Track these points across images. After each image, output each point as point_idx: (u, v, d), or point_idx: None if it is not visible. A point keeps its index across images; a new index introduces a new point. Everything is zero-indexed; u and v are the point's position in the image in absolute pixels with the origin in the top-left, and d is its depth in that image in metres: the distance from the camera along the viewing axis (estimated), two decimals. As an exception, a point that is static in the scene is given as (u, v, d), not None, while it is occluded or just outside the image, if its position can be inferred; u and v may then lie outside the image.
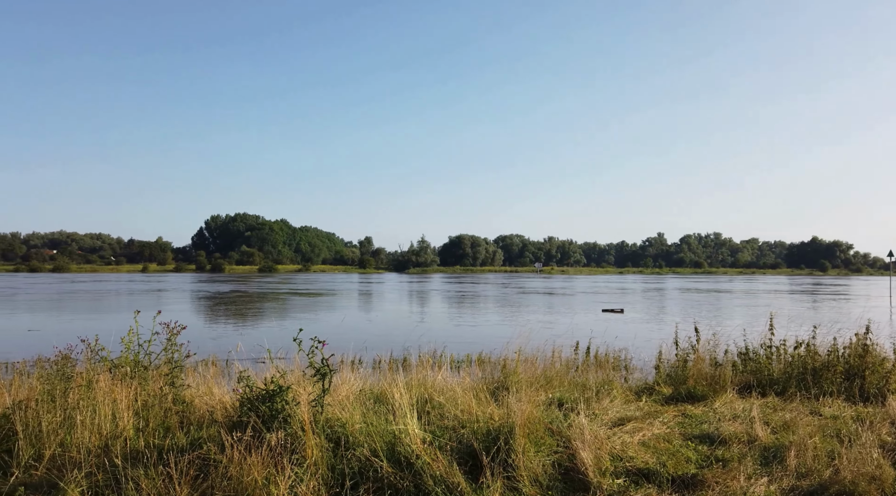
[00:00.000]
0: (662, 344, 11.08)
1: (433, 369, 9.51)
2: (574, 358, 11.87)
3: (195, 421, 6.15)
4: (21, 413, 5.53)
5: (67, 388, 5.93)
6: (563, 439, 5.67)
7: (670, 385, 9.27)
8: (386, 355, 15.05)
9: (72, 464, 5.03)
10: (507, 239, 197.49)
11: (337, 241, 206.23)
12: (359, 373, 9.27)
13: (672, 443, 6.09)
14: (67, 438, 5.38)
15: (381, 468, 4.76)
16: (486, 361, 13.93)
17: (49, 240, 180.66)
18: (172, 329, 7.03)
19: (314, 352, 5.72)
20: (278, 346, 9.22)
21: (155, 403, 6.29)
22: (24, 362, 12.89)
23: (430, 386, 7.62)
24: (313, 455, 4.84)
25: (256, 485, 4.39)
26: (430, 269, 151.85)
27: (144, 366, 7.17)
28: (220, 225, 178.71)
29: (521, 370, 8.89)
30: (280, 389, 5.45)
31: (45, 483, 4.82)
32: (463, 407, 6.11)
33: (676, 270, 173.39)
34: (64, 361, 6.54)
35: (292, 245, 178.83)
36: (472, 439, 5.30)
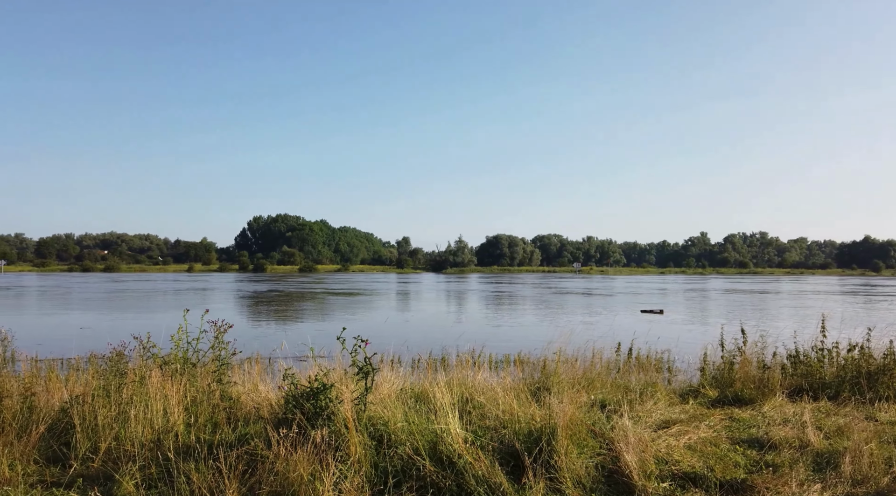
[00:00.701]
0: (707, 345, 10.82)
1: (472, 369, 9.52)
2: (615, 359, 11.70)
3: (242, 417, 6.30)
4: (78, 407, 5.76)
5: (121, 384, 6.15)
6: (605, 441, 5.61)
7: (716, 388, 9.05)
8: (425, 354, 15.12)
9: (126, 457, 5.21)
10: (544, 239, 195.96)
11: (375, 242, 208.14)
12: (398, 372, 9.35)
13: (719, 447, 5.95)
14: (122, 432, 5.58)
15: (424, 467, 4.79)
16: (525, 362, 13.86)
17: (101, 240, 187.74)
18: (219, 327, 7.21)
19: (357, 350, 5.80)
20: (320, 345, 9.37)
21: (203, 399, 6.46)
22: (78, 358, 13.42)
23: (471, 385, 7.63)
24: (357, 452, 4.90)
25: (302, 480, 4.47)
26: (467, 269, 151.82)
27: (193, 364, 7.39)
28: (262, 226, 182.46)
29: (562, 371, 8.81)
30: (324, 387, 5.54)
31: (101, 475, 5.01)
32: (504, 407, 6.10)
33: (720, 270, 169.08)
34: (118, 358, 6.79)
35: (332, 245, 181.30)
36: (514, 440, 5.29)
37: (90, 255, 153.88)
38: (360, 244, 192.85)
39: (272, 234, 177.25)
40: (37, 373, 9.35)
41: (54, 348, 16.36)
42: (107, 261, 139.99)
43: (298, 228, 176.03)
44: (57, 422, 5.92)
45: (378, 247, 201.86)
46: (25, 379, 6.74)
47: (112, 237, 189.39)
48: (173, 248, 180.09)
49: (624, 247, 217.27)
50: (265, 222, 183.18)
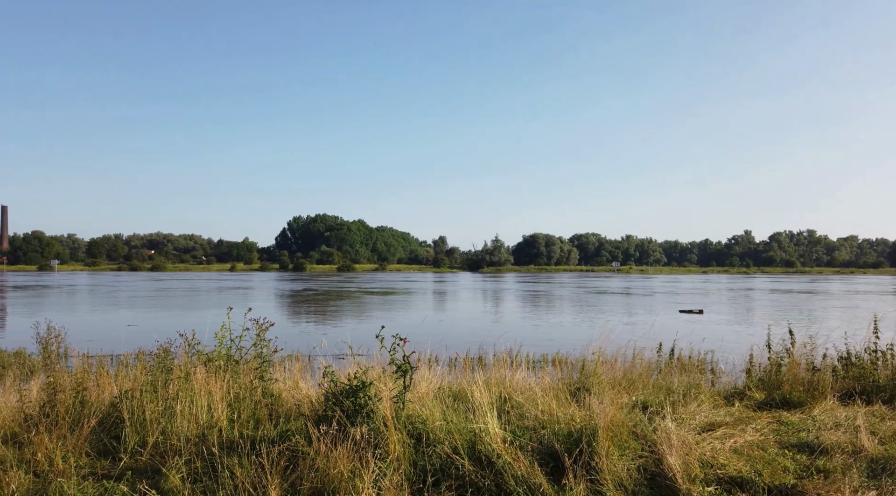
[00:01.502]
0: (753, 346, 10.52)
1: (510, 369, 9.47)
2: (656, 360, 11.47)
3: (283, 413, 6.40)
4: (127, 402, 5.94)
5: (168, 380, 6.32)
6: (648, 443, 5.50)
7: (762, 390, 8.78)
8: (462, 353, 15.11)
9: (172, 451, 5.35)
10: (582, 237, 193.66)
11: (412, 241, 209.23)
12: (435, 370, 9.36)
13: (767, 451, 5.77)
14: (168, 427, 5.73)
15: (463, 466, 4.78)
16: (563, 362, 13.72)
17: (148, 240, 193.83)
18: (261, 325, 7.34)
19: (395, 349, 5.82)
20: (358, 343, 9.48)
21: (246, 396, 6.59)
22: (127, 355, 13.87)
23: (509, 385, 7.59)
24: (396, 450, 4.92)
25: (342, 477, 4.51)
26: (503, 269, 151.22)
27: (236, 361, 7.55)
28: (302, 226, 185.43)
29: (602, 371, 8.68)
30: (363, 385, 5.58)
31: (149, 468, 5.16)
32: (543, 407, 6.04)
33: (765, 270, 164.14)
34: (164, 354, 6.98)
35: (369, 244, 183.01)
36: (554, 440, 5.23)
37: (138, 255, 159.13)
38: (396, 243, 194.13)
39: (311, 233, 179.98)
40: (88, 369, 9.69)
41: (103, 345, 16.94)
42: (153, 261, 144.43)
43: (337, 228, 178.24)
44: (107, 416, 6.12)
45: (415, 246, 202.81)
46: (77, 374, 6.98)
47: (158, 237, 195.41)
48: (216, 247, 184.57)
49: (664, 245, 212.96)
50: (304, 222, 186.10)
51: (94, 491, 4.61)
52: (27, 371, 12.48)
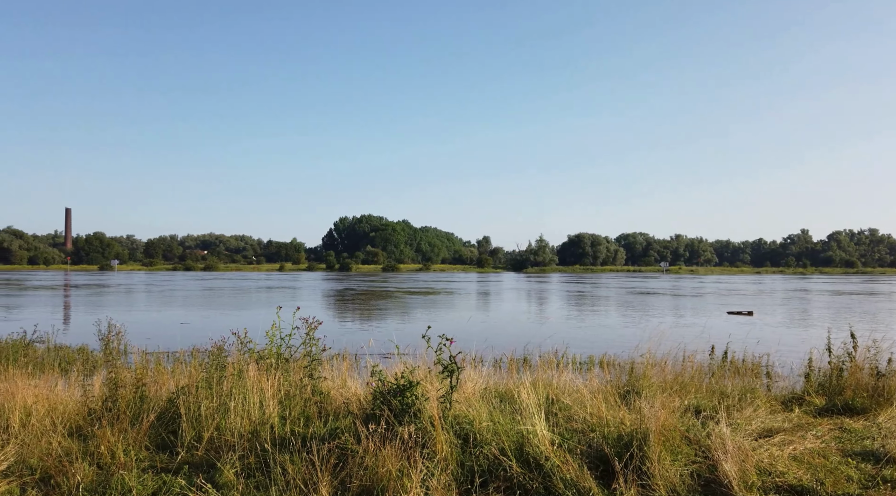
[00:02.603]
0: (811, 350, 10.10)
1: (556, 370, 9.36)
2: (709, 363, 11.14)
3: (332, 411, 6.49)
4: (184, 398, 6.14)
5: (222, 377, 6.50)
6: (701, 449, 5.34)
7: (822, 395, 8.42)
8: (506, 354, 15.03)
9: (227, 446, 5.50)
10: (629, 237, 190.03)
11: (455, 241, 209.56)
12: (480, 371, 9.34)
13: (829, 459, 5.52)
14: (222, 423, 5.89)
15: (510, 467, 4.75)
16: (610, 364, 13.49)
17: (201, 241, 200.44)
18: (310, 324, 7.47)
19: (442, 349, 5.83)
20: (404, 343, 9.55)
21: (296, 393, 6.72)
22: (182, 352, 14.34)
23: (555, 387, 7.51)
24: (443, 450, 4.93)
25: (391, 476, 4.55)
26: (548, 269, 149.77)
27: (286, 359, 7.71)
28: (348, 226, 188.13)
29: (652, 374, 8.49)
30: (410, 385, 5.61)
31: (204, 463, 5.31)
32: (591, 410, 5.95)
33: (824, 270, 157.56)
34: (218, 352, 7.18)
35: (413, 245, 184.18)
36: (603, 444, 5.14)
37: (191, 255, 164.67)
38: (440, 243, 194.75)
39: (357, 234, 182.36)
40: (146, 365, 10.08)
41: (159, 342, 17.56)
42: (206, 261, 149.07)
43: (382, 229, 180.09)
44: (165, 411, 6.34)
45: (458, 246, 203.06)
46: (137, 370, 7.25)
47: (211, 238, 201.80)
48: (266, 248, 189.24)
49: (715, 245, 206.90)
50: (350, 223, 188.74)
51: (153, 484, 4.77)
52: (90, 366, 13.05)
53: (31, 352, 14.18)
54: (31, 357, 13.30)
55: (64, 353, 14.55)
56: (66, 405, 6.62)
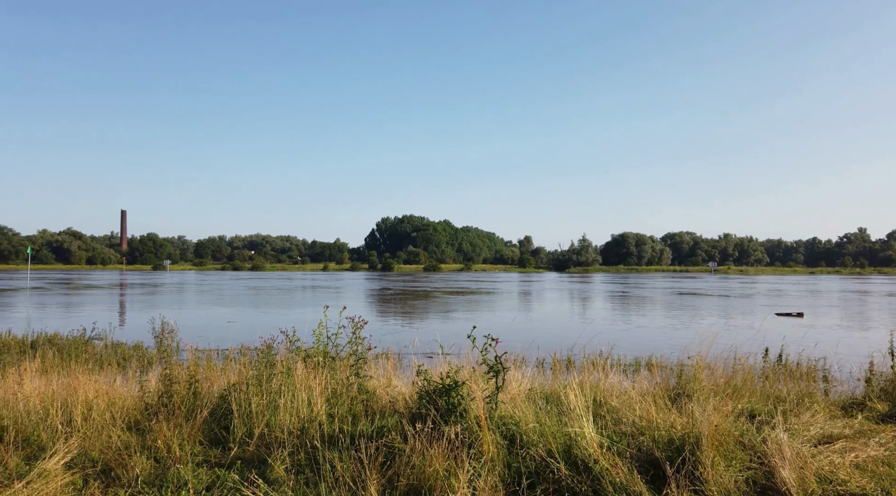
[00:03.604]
0: (873, 353, 9.67)
1: (601, 372, 9.22)
2: (762, 366, 10.79)
3: (378, 410, 6.55)
4: (235, 394, 6.29)
5: (271, 375, 6.63)
6: (756, 454, 5.17)
7: (885, 401, 8.04)
8: (549, 355, 14.89)
9: (277, 443, 5.61)
10: (676, 236, 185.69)
11: (497, 241, 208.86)
12: (524, 372, 9.27)
13: (893, 467, 5.27)
14: (272, 419, 6.01)
15: (559, 470, 4.69)
16: (657, 366, 13.20)
17: (248, 241, 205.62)
18: (357, 323, 7.55)
19: (487, 349, 5.81)
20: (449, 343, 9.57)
21: (343, 392, 6.80)
22: (231, 349, 14.71)
23: (602, 389, 7.39)
24: (490, 451, 4.91)
25: (438, 475, 4.56)
26: (591, 269, 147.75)
27: (332, 357, 7.82)
28: (390, 227, 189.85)
29: (702, 377, 8.26)
30: (456, 384, 5.61)
31: (255, 458, 5.43)
32: (640, 413, 5.83)
33: (883, 271, 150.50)
34: (267, 350, 7.34)
35: (455, 245, 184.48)
36: (653, 447, 5.03)
37: (239, 255, 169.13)
38: (482, 243, 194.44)
39: (399, 234, 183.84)
40: (197, 363, 10.38)
41: (209, 340, 18.07)
42: (253, 261, 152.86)
43: (423, 229, 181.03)
44: (217, 407, 6.51)
45: (500, 246, 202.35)
46: (190, 367, 7.47)
47: (258, 239, 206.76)
48: (310, 248, 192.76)
49: (766, 244, 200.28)
50: (392, 223, 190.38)
51: (207, 478, 4.91)
52: (145, 363, 13.53)
53: (90, 348, 14.79)
54: (91, 353, 13.87)
55: (121, 350, 15.11)
56: (124, 400, 6.87)
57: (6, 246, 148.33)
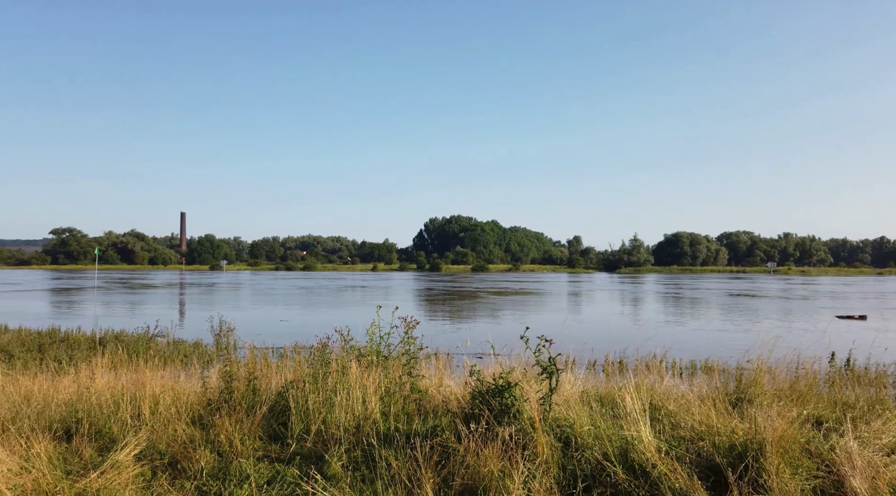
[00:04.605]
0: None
1: (656, 375, 9.02)
2: (827, 371, 10.33)
3: (430, 409, 6.60)
4: (293, 392, 6.46)
5: (326, 373, 6.77)
6: (824, 463, 4.97)
7: (965, 410, 7.58)
8: (601, 357, 14.66)
9: (333, 440, 5.73)
10: (732, 236, 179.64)
11: (545, 241, 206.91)
12: (575, 373, 9.16)
13: (976, 481, 4.96)
14: (328, 416, 6.14)
15: (615, 473, 4.63)
16: (714, 369, 12.82)
17: (300, 242, 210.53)
18: (409, 323, 7.63)
19: (540, 350, 5.77)
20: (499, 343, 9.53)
21: (396, 391, 6.88)
22: (286, 348, 15.09)
23: (658, 392, 7.23)
24: (544, 453, 4.88)
25: (492, 476, 4.56)
26: (643, 269, 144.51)
27: (385, 356, 7.92)
28: (437, 227, 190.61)
29: (764, 381, 7.98)
30: (509, 385, 5.59)
31: (313, 455, 5.56)
32: (699, 417, 5.68)
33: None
34: (322, 348, 7.49)
35: (502, 245, 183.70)
36: (714, 453, 4.90)
37: (292, 256, 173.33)
38: (530, 244, 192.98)
39: (446, 234, 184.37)
40: (255, 360, 10.68)
41: (263, 338, 18.57)
42: (305, 261, 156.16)
43: (471, 229, 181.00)
44: (275, 404, 6.69)
45: (548, 246, 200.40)
46: (249, 365, 7.70)
47: (309, 239, 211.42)
48: (360, 248, 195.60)
49: (830, 244, 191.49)
50: (440, 223, 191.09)
51: (267, 472, 5.05)
52: (206, 360, 14.02)
53: (153, 345, 15.43)
54: (154, 350, 14.47)
55: (182, 348, 15.69)
56: (187, 395, 7.14)
57: (76, 247, 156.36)
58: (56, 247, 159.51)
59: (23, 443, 5.24)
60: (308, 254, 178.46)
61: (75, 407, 6.61)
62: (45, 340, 16.37)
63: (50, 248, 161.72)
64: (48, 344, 15.86)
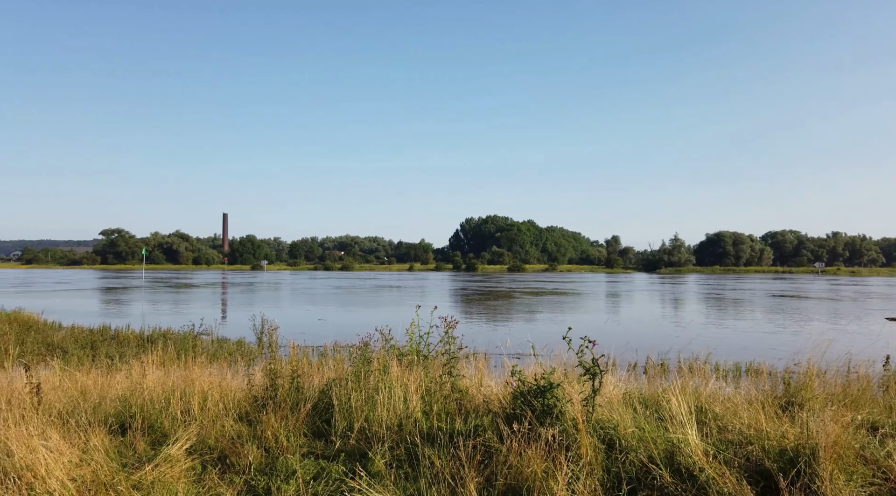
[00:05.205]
0: None
1: (700, 377, 8.85)
2: (881, 375, 9.94)
3: (471, 409, 6.61)
4: (336, 389, 6.56)
5: (368, 371, 6.86)
6: (880, 470, 4.80)
7: None
8: (641, 358, 14.44)
9: (376, 437, 5.80)
10: (777, 235, 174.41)
11: (582, 241, 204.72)
12: (616, 375, 9.05)
13: None
14: (370, 414, 6.22)
15: (661, 477, 4.56)
16: (759, 372, 12.48)
17: (338, 243, 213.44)
18: (449, 323, 7.67)
19: (583, 351, 5.73)
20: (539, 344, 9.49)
21: (436, 390, 6.92)
22: (326, 346, 15.32)
23: (703, 394, 7.09)
24: (587, 454, 4.84)
25: (535, 477, 4.55)
26: (684, 269, 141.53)
27: (424, 356, 7.98)
28: (474, 227, 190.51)
29: (814, 385, 7.74)
30: (551, 386, 5.57)
31: (356, 452, 5.64)
32: (748, 421, 5.55)
33: None
34: (364, 347, 7.59)
35: (539, 245, 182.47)
36: (764, 458, 4.78)
37: (330, 256, 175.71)
38: (567, 243, 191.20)
39: (482, 234, 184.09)
40: (297, 358, 10.88)
41: (302, 336, 18.88)
42: (343, 261, 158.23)
43: (507, 229, 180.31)
44: (318, 401, 6.81)
45: (585, 246, 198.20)
46: (292, 363, 7.85)
47: (347, 240, 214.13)
48: (396, 248, 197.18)
49: (882, 243, 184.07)
50: (476, 223, 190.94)
51: (313, 468, 5.15)
52: (249, 358, 14.33)
53: (198, 343, 15.85)
54: (200, 348, 14.86)
55: (226, 346, 16.08)
56: (234, 392, 7.32)
57: (124, 247, 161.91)
58: (105, 247, 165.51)
59: (81, 435, 5.46)
60: (346, 255, 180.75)
61: (128, 402, 6.86)
62: (96, 338, 17.00)
63: (100, 248, 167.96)
64: (100, 341, 16.47)
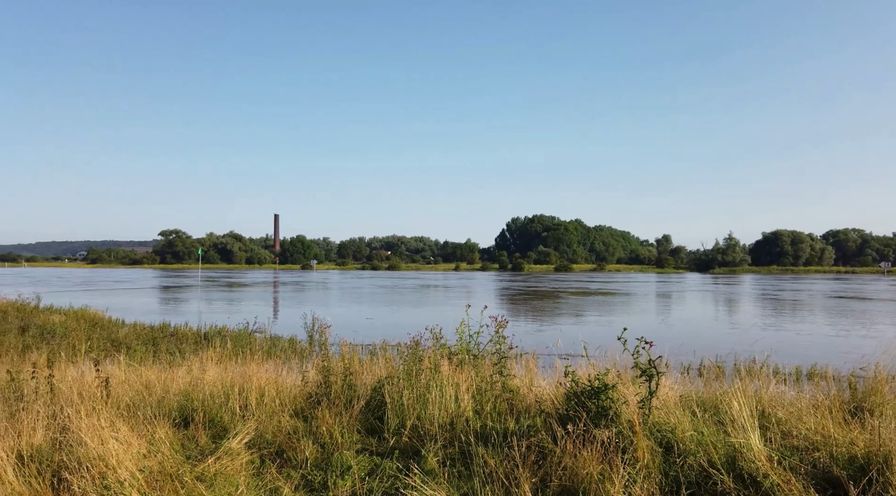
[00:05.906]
0: None
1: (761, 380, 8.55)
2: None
3: (523, 409, 6.58)
4: (389, 387, 6.63)
5: (419, 370, 6.91)
6: (961, 481, 4.53)
7: None
8: (696, 360, 14.06)
9: (428, 435, 5.83)
10: (839, 234, 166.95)
11: (632, 240, 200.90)
12: (673, 377, 8.83)
13: None
14: (422, 413, 6.26)
15: (722, 482, 4.43)
16: (826, 376, 11.98)
17: (385, 243, 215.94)
18: (500, 322, 7.65)
19: (639, 352, 5.62)
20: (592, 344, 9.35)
21: (487, 389, 6.91)
22: (374, 345, 15.50)
23: (764, 398, 6.86)
24: (644, 457, 4.75)
25: (591, 479, 4.49)
26: (738, 269, 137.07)
27: (475, 355, 7.98)
28: (520, 226, 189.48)
29: (885, 390, 7.37)
30: (605, 387, 5.49)
31: (409, 449, 5.69)
32: (813, 426, 5.34)
33: None
34: (415, 346, 7.65)
35: (586, 244, 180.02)
36: (832, 465, 4.59)
37: (377, 256, 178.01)
38: (615, 243, 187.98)
39: (529, 234, 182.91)
40: (351, 356, 11.05)
41: (352, 335, 19.15)
42: (390, 261, 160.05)
43: (554, 228, 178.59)
44: (370, 399, 6.90)
45: (635, 245, 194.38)
46: (345, 360, 7.98)
47: (394, 240, 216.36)
48: (442, 248, 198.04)
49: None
50: (522, 223, 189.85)
51: (367, 464, 5.22)
52: (302, 355, 14.64)
53: (252, 341, 16.28)
54: (254, 345, 15.27)
55: (279, 343, 16.47)
56: (289, 389, 7.50)
57: (181, 247, 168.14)
58: (164, 247, 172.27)
59: (148, 428, 5.69)
60: (392, 254, 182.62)
61: (190, 396, 7.10)
62: (157, 334, 17.68)
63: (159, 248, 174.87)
64: (160, 338, 17.12)
